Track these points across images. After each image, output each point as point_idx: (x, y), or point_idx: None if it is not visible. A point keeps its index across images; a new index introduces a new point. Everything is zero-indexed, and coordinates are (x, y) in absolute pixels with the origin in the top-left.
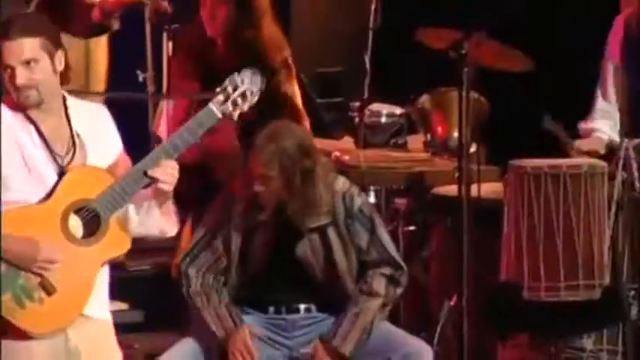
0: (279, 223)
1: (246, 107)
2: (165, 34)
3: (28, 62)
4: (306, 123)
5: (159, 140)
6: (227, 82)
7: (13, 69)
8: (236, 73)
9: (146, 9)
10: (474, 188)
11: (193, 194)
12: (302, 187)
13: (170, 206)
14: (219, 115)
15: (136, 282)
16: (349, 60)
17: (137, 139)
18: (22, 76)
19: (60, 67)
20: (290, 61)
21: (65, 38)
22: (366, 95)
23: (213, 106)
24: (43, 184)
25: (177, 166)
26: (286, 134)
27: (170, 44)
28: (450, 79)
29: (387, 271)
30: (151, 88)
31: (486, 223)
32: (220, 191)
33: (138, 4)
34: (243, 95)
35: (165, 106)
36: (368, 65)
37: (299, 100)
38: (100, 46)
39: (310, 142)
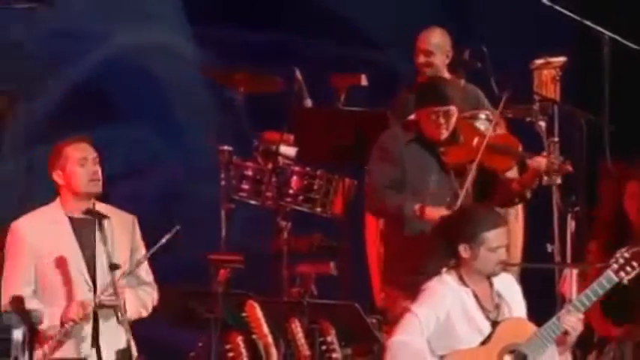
0: None
1: (633, 273)
2: (569, 215)
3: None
4: None
5: (564, 298)
6: (618, 254)
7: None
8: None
9: (554, 192)
10: None
11: None
12: None
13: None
14: (616, 280)
15: None
16: None
17: (544, 299)
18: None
19: None
20: None
21: None
22: None
23: (611, 272)
24: (480, 333)
25: (582, 319)
26: None
27: (573, 223)
28: None
29: None
30: (557, 258)
31: None
32: None
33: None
34: (632, 266)
35: (569, 273)
36: None
37: None
38: (519, 223)
39: None
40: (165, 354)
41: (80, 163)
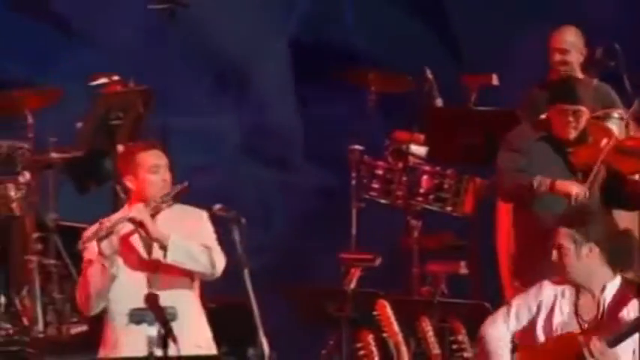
0: None
1: None
2: None
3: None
4: None
5: None
6: None
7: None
8: None
9: None
10: None
11: None
12: None
13: None
14: None
15: None
16: None
17: None
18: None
19: (586, 255)
20: None
21: None
22: None
23: None
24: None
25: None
26: None
27: None
28: None
29: None
30: None
31: None
32: None
33: None
34: None
35: None
36: None
37: None
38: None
39: None
40: (298, 352)
41: (153, 171)
